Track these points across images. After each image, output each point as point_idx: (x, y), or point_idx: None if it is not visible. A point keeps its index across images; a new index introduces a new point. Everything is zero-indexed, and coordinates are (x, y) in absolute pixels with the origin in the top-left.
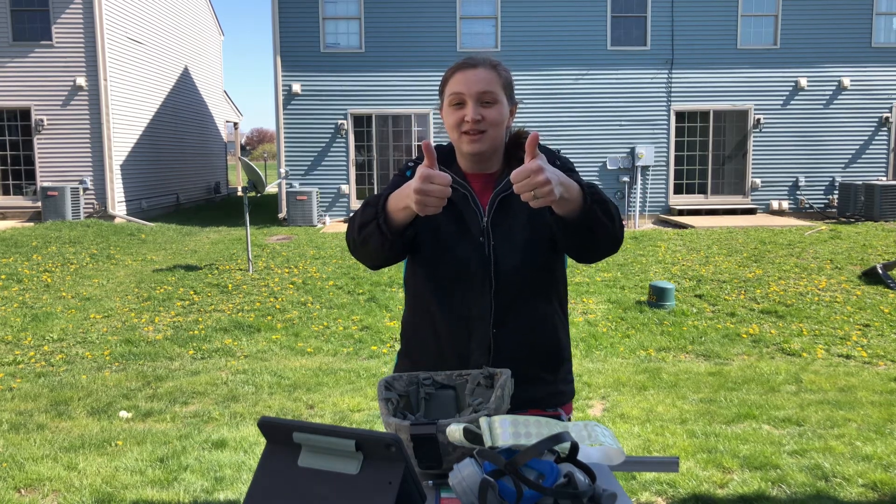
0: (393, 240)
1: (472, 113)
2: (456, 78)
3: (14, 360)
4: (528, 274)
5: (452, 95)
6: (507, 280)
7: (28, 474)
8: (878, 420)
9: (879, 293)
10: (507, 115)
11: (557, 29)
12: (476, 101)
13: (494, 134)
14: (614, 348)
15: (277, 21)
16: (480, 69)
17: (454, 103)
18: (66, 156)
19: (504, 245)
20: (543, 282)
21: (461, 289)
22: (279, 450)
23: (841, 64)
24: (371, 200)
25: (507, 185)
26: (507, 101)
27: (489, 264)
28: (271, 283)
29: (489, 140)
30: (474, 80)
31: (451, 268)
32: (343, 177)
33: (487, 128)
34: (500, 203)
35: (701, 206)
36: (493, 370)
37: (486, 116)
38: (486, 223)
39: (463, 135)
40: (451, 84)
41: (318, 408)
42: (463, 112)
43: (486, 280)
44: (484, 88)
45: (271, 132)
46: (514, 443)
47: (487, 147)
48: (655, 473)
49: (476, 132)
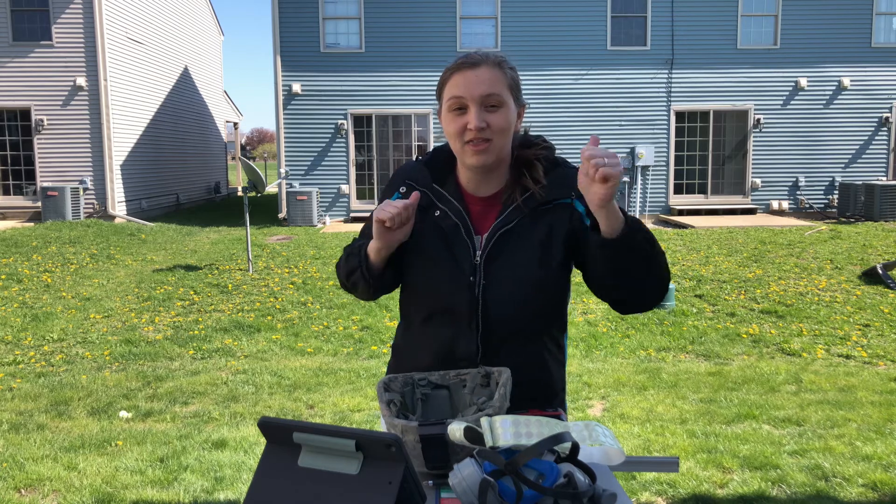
0: (378, 283)
1: (476, 120)
2: (455, 79)
3: (14, 360)
4: (521, 319)
5: (452, 100)
6: (496, 325)
7: (28, 474)
8: (878, 420)
9: (879, 293)
10: (514, 119)
11: (557, 29)
12: (479, 106)
13: (501, 142)
14: (614, 348)
15: (277, 21)
16: (483, 68)
17: (454, 108)
18: (66, 156)
19: (497, 287)
20: (540, 324)
21: (447, 327)
22: (279, 450)
23: (841, 64)
24: (353, 250)
25: (511, 217)
26: (514, 104)
27: (477, 307)
28: (271, 283)
29: (496, 150)
30: (476, 82)
31: (438, 305)
32: (343, 177)
33: (493, 136)
34: (501, 238)
35: (701, 206)
36: (491, 369)
37: (491, 123)
38: (480, 260)
39: (466, 145)
40: (450, 86)
41: (318, 408)
42: (465, 119)
43: (472, 322)
44: (488, 91)
45: (271, 132)
46: (515, 443)
47: (494, 158)
48: (655, 473)
49: (481, 141)
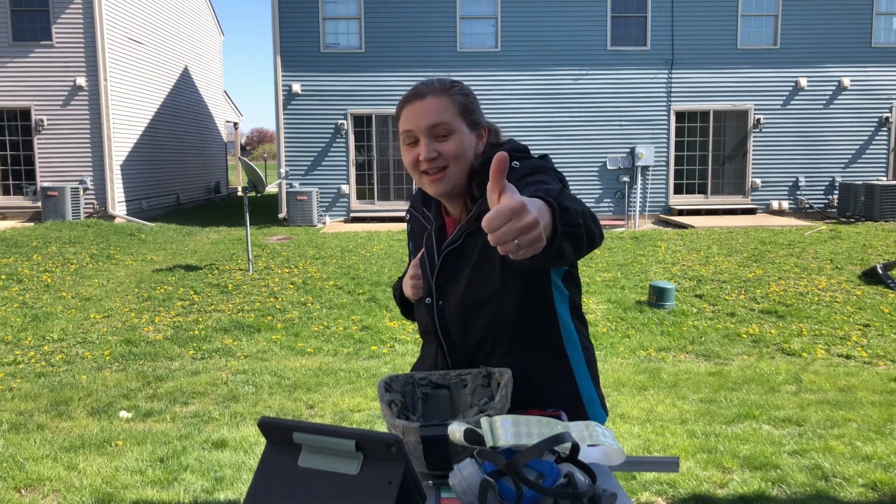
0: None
1: (426, 151)
2: (405, 113)
3: (14, 360)
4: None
5: (404, 134)
6: (457, 341)
7: (28, 474)
8: (878, 420)
9: (879, 293)
10: (470, 144)
11: (557, 29)
12: (428, 136)
13: (457, 168)
14: (614, 348)
15: (277, 21)
16: (429, 98)
17: (407, 142)
18: (66, 156)
19: (450, 305)
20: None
21: (429, 342)
22: (279, 450)
23: (841, 64)
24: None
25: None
26: (469, 128)
27: (435, 326)
28: (271, 283)
29: (452, 177)
30: (422, 113)
31: (420, 321)
32: (343, 177)
33: (448, 162)
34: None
35: (701, 206)
36: (492, 370)
37: (442, 151)
38: (433, 281)
39: (422, 175)
40: (402, 120)
41: (318, 408)
42: (416, 150)
43: (437, 341)
44: (433, 121)
45: (271, 132)
46: (515, 443)
47: (452, 185)
48: (655, 473)
49: (436, 170)
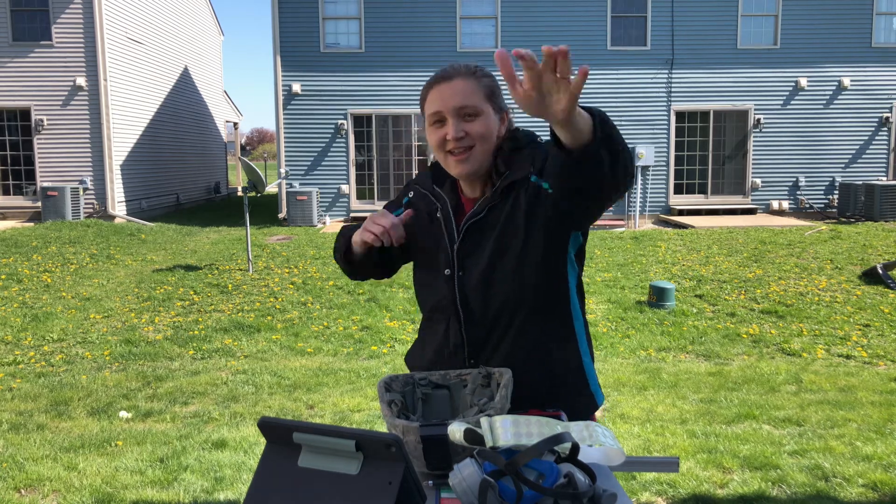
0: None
1: (454, 130)
2: (432, 95)
3: (14, 360)
4: (504, 302)
5: (431, 114)
6: (477, 313)
7: (28, 474)
8: (878, 420)
9: (879, 293)
10: (495, 125)
11: (557, 29)
12: (456, 117)
13: (483, 149)
14: (614, 348)
15: (277, 21)
16: (457, 80)
17: (434, 122)
18: (66, 156)
19: (472, 277)
20: (529, 305)
21: (438, 320)
22: (279, 450)
23: (841, 64)
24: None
25: (481, 208)
26: (494, 111)
27: (455, 298)
28: (271, 283)
29: (478, 157)
30: (450, 94)
31: (429, 298)
32: (343, 177)
33: (474, 142)
34: (471, 228)
35: (701, 206)
36: (492, 370)
37: (469, 131)
38: (454, 252)
39: (448, 155)
40: (429, 102)
41: (318, 408)
42: (444, 130)
43: (455, 314)
44: (462, 102)
45: (271, 132)
46: (515, 443)
47: (477, 166)
48: (655, 473)
49: (461, 150)
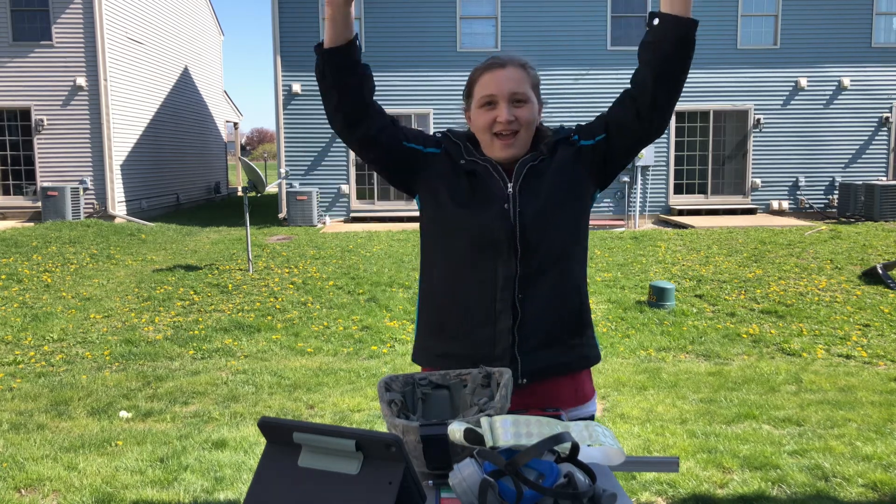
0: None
1: (506, 113)
2: (485, 78)
3: (14, 360)
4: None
5: (483, 96)
6: (533, 247)
7: (28, 474)
8: (878, 420)
9: (879, 293)
10: (537, 115)
11: (557, 29)
12: (508, 102)
13: (526, 135)
14: (614, 348)
15: (277, 21)
16: (510, 68)
17: (484, 104)
18: (66, 156)
19: (530, 212)
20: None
21: (486, 256)
22: (279, 450)
23: (841, 64)
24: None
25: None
26: (538, 101)
27: (514, 231)
28: (271, 283)
29: (522, 142)
30: (505, 80)
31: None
32: (343, 177)
33: (521, 128)
34: (528, 172)
35: (701, 206)
36: (492, 370)
37: (518, 116)
38: (514, 190)
39: (495, 137)
40: (481, 85)
41: (318, 408)
42: (494, 113)
43: (511, 247)
44: (515, 88)
45: (271, 132)
46: (515, 443)
47: (521, 151)
48: (655, 473)
49: (509, 133)
